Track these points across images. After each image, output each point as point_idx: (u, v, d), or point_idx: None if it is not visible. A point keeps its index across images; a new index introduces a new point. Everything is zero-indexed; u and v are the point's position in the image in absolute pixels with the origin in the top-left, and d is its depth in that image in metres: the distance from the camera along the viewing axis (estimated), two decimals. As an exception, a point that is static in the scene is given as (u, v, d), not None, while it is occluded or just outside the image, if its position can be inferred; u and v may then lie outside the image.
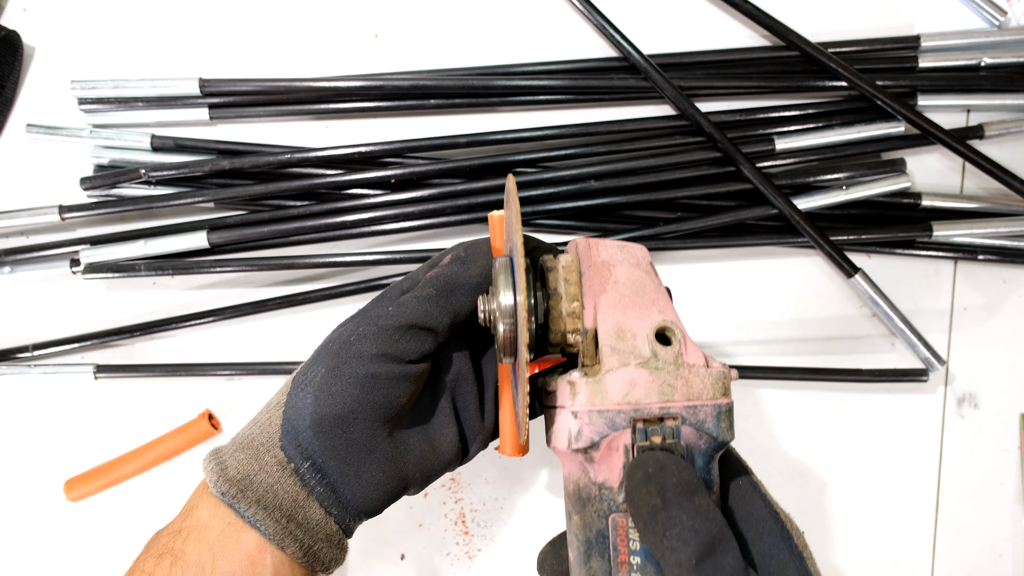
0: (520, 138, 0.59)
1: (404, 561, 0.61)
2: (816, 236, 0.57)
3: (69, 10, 0.63)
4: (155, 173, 0.59)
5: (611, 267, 0.37)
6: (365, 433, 0.37)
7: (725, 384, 0.35)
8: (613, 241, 0.39)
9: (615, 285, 0.37)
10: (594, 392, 0.34)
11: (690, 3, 0.61)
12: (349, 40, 0.62)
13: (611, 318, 0.36)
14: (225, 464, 0.37)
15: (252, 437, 0.38)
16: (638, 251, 0.39)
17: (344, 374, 0.37)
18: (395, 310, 0.38)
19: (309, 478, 0.37)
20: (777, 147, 0.59)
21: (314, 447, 0.37)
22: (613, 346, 0.35)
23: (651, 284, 0.37)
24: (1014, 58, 0.58)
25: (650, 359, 0.34)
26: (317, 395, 0.37)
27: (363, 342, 0.38)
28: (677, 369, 0.34)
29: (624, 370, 0.34)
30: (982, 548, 0.60)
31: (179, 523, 0.38)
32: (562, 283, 0.37)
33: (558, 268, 0.38)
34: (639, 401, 0.34)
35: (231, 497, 0.36)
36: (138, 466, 0.61)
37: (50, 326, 0.62)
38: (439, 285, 0.39)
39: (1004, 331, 0.61)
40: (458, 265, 0.39)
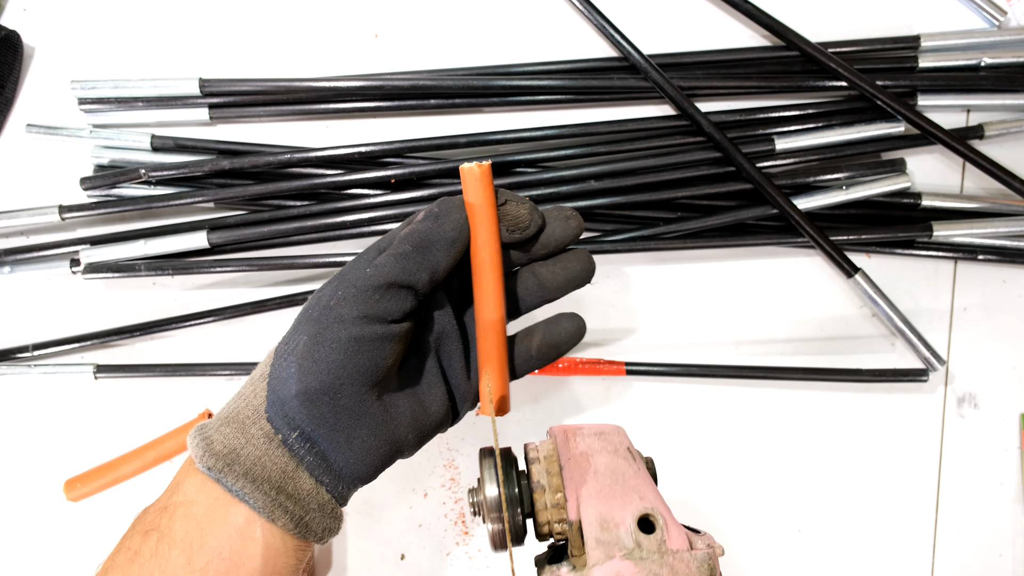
0: (520, 138, 0.59)
1: (404, 561, 0.61)
2: (816, 236, 0.57)
3: (69, 10, 0.63)
4: (155, 173, 0.59)
5: (589, 457, 0.38)
6: (353, 398, 0.37)
7: (711, 566, 0.35)
8: (590, 428, 0.40)
9: (595, 476, 0.38)
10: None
11: (690, 3, 0.61)
12: (349, 40, 0.62)
13: (593, 509, 0.36)
14: (211, 439, 0.36)
15: (237, 411, 0.38)
16: (615, 437, 0.40)
17: (327, 339, 0.36)
18: (372, 270, 0.37)
19: (298, 448, 0.37)
20: (777, 147, 0.59)
21: (301, 416, 0.36)
22: (597, 538, 0.36)
23: (630, 470, 0.38)
24: (1014, 58, 0.58)
25: (634, 550, 0.35)
26: (301, 363, 0.36)
27: (343, 305, 0.37)
28: (661, 557, 0.35)
29: (609, 563, 0.35)
30: (982, 548, 0.60)
31: (165, 500, 0.37)
32: (544, 475, 0.39)
33: (540, 459, 0.39)
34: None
35: (218, 471, 0.35)
36: (138, 466, 0.61)
37: (50, 326, 0.62)
38: (414, 241, 0.38)
39: (1004, 331, 0.61)
40: (432, 221, 0.39)
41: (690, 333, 0.62)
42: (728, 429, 0.61)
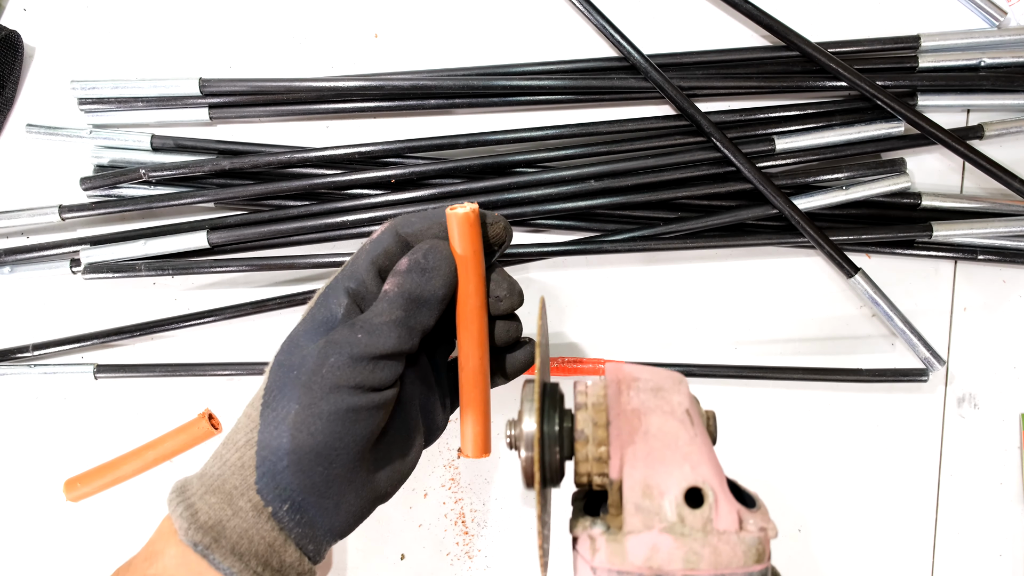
0: (520, 138, 0.59)
1: (404, 561, 0.61)
2: (816, 236, 0.57)
3: (69, 10, 0.63)
4: (155, 173, 0.59)
5: (642, 416, 0.35)
6: (346, 466, 0.36)
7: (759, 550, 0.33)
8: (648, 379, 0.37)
9: (644, 437, 0.34)
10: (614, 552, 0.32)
11: (690, 3, 0.61)
12: (349, 40, 0.62)
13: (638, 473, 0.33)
14: (195, 509, 0.35)
15: (223, 479, 0.36)
16: (674, 396, 0.36)
17: (322, 411, 0.35)
18: (366, 338, 0.36)
19: (287, 520, 0.36)
20: (777, 147, 0.59)
21: (293, 487, 0.36)
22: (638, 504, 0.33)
23: (685, 435, 0.35)
24: (1014, 58, 0.58)
25: (675, 524, 0.32)
26: (294, 434, 0.35)
27: (337, 373, 0.36)
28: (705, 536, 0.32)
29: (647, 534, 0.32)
30: (982, 548, 0.60)
31: (143, 568, 0.36)
32: (590, 424, 0.35)
33: (587, 405, 0.36)
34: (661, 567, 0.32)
35: (204, 547, 0.34)
36: (138, 466, 0.61)
37: (50, 326, 0.62)
38: (406, 305, 0.37)
39: (1004, 331, 0.61)
40: (419, 275, 0.38)
41: (690, 333, 0.62)
42: (728, 429, 0.61)
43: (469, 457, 0.43)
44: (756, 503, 0.35)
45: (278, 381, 0.37)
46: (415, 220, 0.40)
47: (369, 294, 0.39)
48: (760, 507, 0.35)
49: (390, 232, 0.40)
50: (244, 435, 0.37)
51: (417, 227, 0.40)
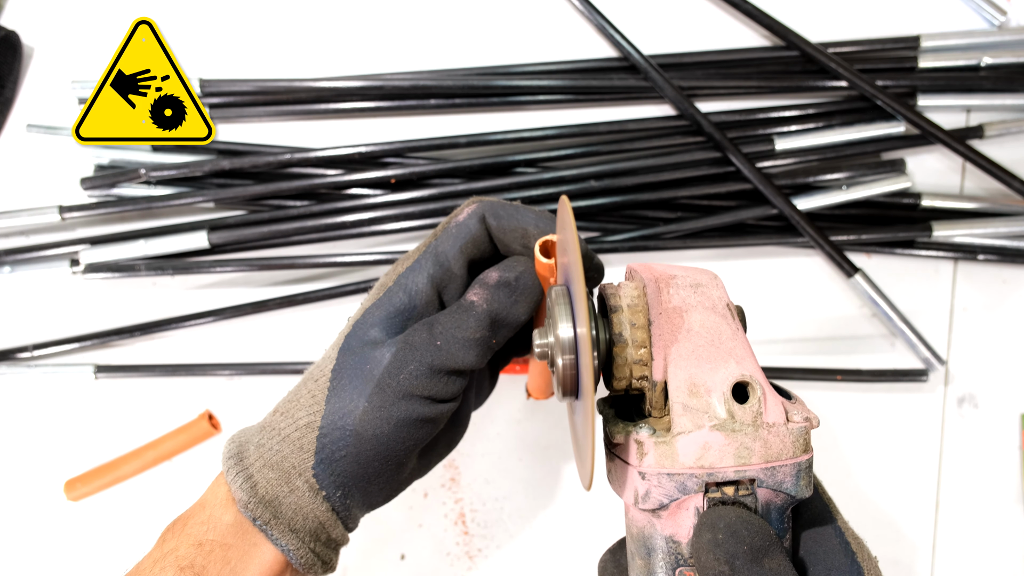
0: (520, 138, 0.59)
1: (404, 561, 0.61)
2: (816, 236, 0.57)
3: (69, 10, 0.63)
4: (155, 173, 0.59)
5: (684, 313, 0.34)
6: (399, 464, 0.38)
7: (806, 440, 0.32)
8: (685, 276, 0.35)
9: (688, 334, 0.33)
10: (664, 454, 0.32)
11: (690, 3, 0.61)
12: (349, 40, 0.62)
13: (683, 372, 0.32)
14: (254, 481, 0.36)
15: (282, 456, 0.37)
16: (713, 291, 0.35)
17: (392, 416, 0.36)
18: (446, 351, 0.36)
19: (339, 505, 0.37)
20: (777, 147, 0.59)
21: (347, 477, 0.37)
22: (685, 403, 0.32)
23: (728, 330, 0.34)
24: (1014, 58, 0.58)
25: (726, 420, 0.32)
26: (359, 431, 0.36)
27: (414, 382, 0.36)
28: (755, 430, 0.32)
29: (697, 433, 0.32)
30: (982, 548, 0.60)
31: (200, 533, 0.36)
32: (627, 327, 0.34)
33: (622, 307, 0.34)
34: (713, 465, 0.31)
35: (263, 522, 0.36)
36: (138, 466, 0.61)
37: (50, 326, 0.62)
38: (491, 325, 0.37)
39: (1004, 331, 0.61)
40: (507, 296, 0.37)
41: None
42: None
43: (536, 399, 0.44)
44: (792, 396, 0.35)
45: (348, 369, 0.37)
46: (503, 214, 0.39)
47: (453, 283, 0.38)
48: (796, 399, 0.34)
49: (476, 218, 0.39)
50: (306, 414, 0.37)
51: (506, 224, 0.38)
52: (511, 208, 0.39)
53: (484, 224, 0.39)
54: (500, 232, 0.39)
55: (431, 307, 0.38)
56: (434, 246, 0.39)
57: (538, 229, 0.38)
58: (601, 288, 0.36)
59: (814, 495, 0.35)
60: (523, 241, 0.38)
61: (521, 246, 0.38)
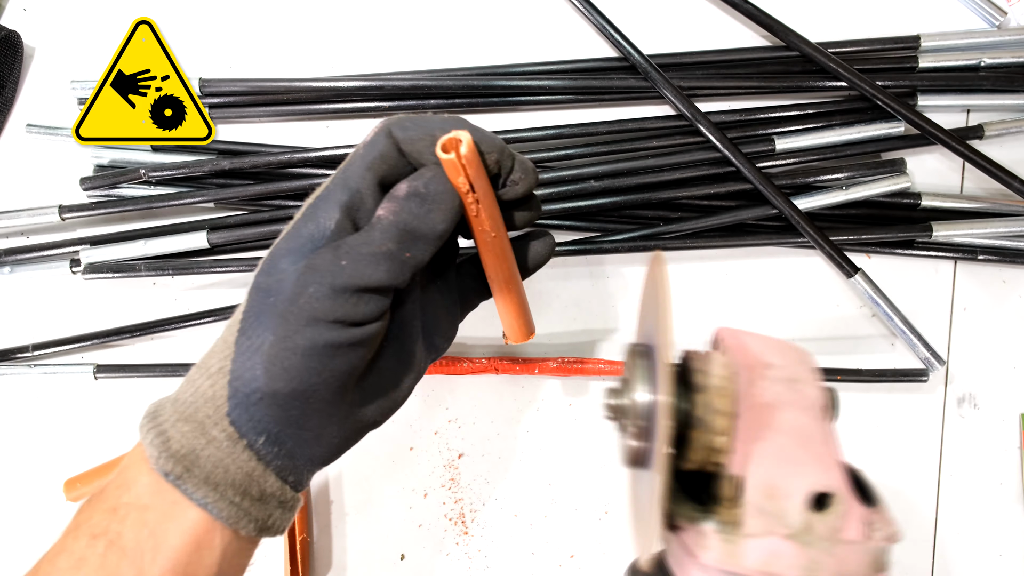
0: (520, 138, 0.59)
1: (404, 561, 0.61)
2: (816, 236, 0.57)
3: (69, 10, 0.63)
4: (155, 173, 0.59)
5: (775, 411, 0.32)
6: (326, 401, 0.34)
7: (882, 561, 0.31)
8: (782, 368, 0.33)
9: (776, 435, 0.31)
10: (729, 553, 0.30)
11: (690, 3, 0.61)
12: (349, 40, 0.62)
13: (764, 472, 0.30)
14: (167, 436, 0.33)
15: (195, 408, 0.34)
16: (809, 388, 0.33)
17: (297, 344, 0.33)
18: (351, 267, 0.33)
19: (265, 452, 0.34)
20: (777, 147, 0.59)
21: (268, 420, 0.33)
22: (760, 506, 0.30)
23: (819, 434, 0.32)
24: (1014, 58, 0.58)
25: (800, 532, 0.30)
26: (268, 367, 0.33)
27: (316, 304, 0.33)
28: (831, 546, 0.30)
29: (768, 540, 0.30)
30: (982, 548, 0.60)
31: (115, 497, 0.34)
32: (711, 412, 0.32)
33: (709, 388, 0.32)
34: (778, 574, 0.30)
35: (175, 476, 0.33)
36: (138, 466, 0.61)
37: (50, 326, 0.62)
38: (400, 236, 0.34)
39: (1004, 331, 0.61)
40: (418, 205, 0.34)
41: (690, 333, 0.61)
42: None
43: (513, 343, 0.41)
44: (875, 499, 0.33)
45: (255, 306, 0.34)
46: (410, 125, 0.35)
47: (364, 206, 0.35)
48: (880, 505, 0.32)
49: (383, 134, 0.36)
50: (218, 361, 0.34)
51: (413, 134, 0.35)
52: (418, 118, 0.36)
53: (391, 138, 0.35)
54: (408, 143, 0.35)
55: (343, 233, 0.35)
56: (343, 171, 0.36)
57: (444, 132, 0.34)
58: (686, 355, 0.34)
59: None
60: (433, 149, 0.35)
61: (433, 156, 0.35)
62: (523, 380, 0.62)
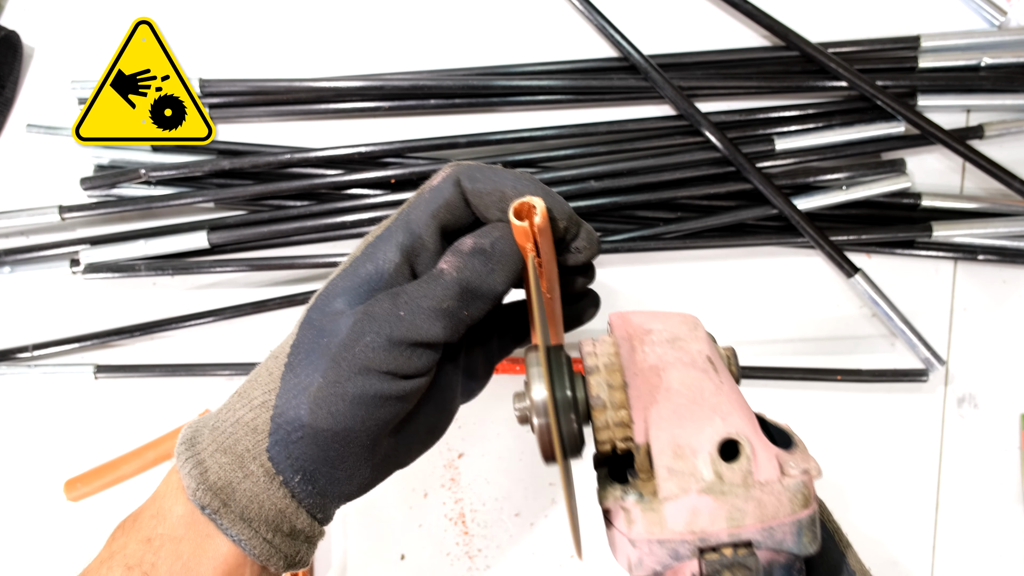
0: (520, 138, 0.59)
1: (404, 561, 0.61)
2: (816, 236, 0.57)
3: (69, 10, 0.63)
4: (155, 173, 0.59)
5: (661, 372, 0.32)
6: (363, 447, 0.34)
7: (805, 494, 0.30)
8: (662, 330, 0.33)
9: (667, 394, 0.32)
10: (652, 521, 0.30)
11: (690, 3, 0.61)
12: (349, 40, 0.62)
13: (665, 434, 0.31)
14: (205, 466, 0.34)
15: (235, 440, 0.34)
16: (692, 343, 0.33)
17: (347, 392, 0.33)
18: (409, 320, 0.33)
19: (299, 491, 0.34)
20: (777, 147, 0.59)
21: (306, 459, 0.34)
22: (670, 467, 0.30)
23: (711, 384, 0.32)
24: (1014, 58, 0.58)
25: (714, 482, 0.30)
26: (314, 409, 0.33)
27: (371, 355, 0.33)
28: (747, 490, 0.30)
29: (685, 498, 0.30)
30: (982, 548, 0.60)
31: (149, 528, 0.34)
32: (605, 389, 0.32)
33: (599, 367, 0.33)
34: (704, 530, 0.30)
35: (212, 511, 0.33)
36: (138, 466, 0.61)
37: (50, 326, 0.62)
38: (461, 294, 0.34)
39: (1004, 331, 0.61)
40: (482, 264, 0.34)
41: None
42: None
43: None
44: (791, 440, 0.33)
45: (306, 343, 0.34)
46: (479, 176, 0.35)
47: (425, 252, 0.35)
48: (797, 444, 0.32)
49: (451, 182, 0.35)
50: (261, 394, 0.34)
51: (481, 186, 0.35)
52: (488, 170, 0.35)
53: (459, 188, 0.35)
54: (476, 196, 0.35)
55: (400, 278, 0.35)
56: (406, 213, 0.36)
57: (516, 191, 0.34)
58: (579, 346, 0.35)
59: (828, 545, 0.33)
60: (501, 205, 0.35)
61: (499, 211, 0.35)
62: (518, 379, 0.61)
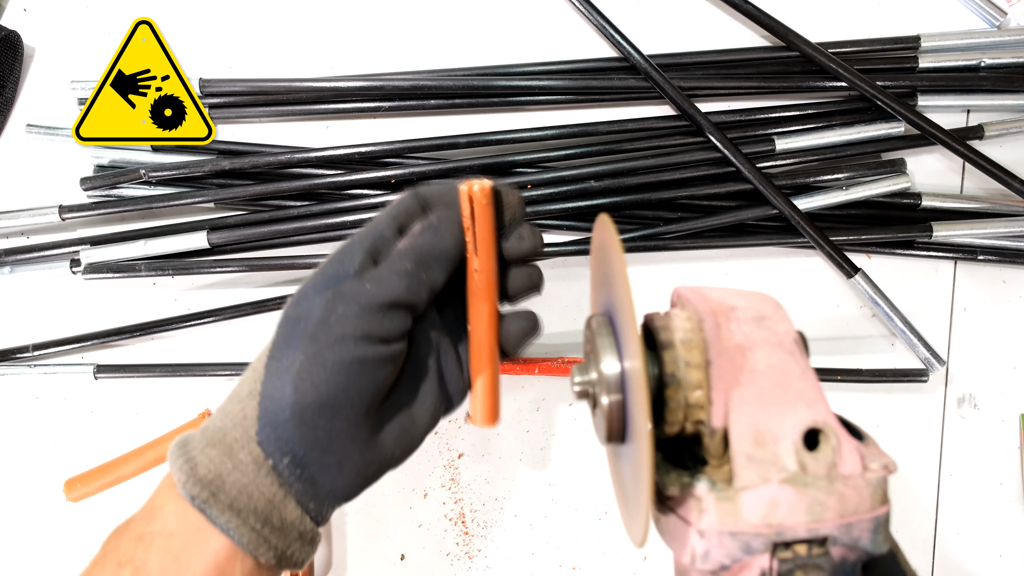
0: (520, 138, 0.59)
1: (404, 561, 0.61)
2: (816, 236, 0.57)
3: (69, 10, 0.63)
4: (155, 173, 0.59)
5: (747, 352, 0.30)
6: (349, 420, 0.35)
7: (883, 490, 0.29)
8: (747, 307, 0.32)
9: (752, 376, 0.30)
10: (726, 512, 0.28)
11: (690, 3, 0.61)
12: (349, 40, 0.62)
13: (747, 418, 0.29)
14: (195, 462, 0.34)
15: (224, 431, 0.35)
16: (780, 324, 0.31)
17: (327, 360, 0.34)
18: (374, 287, 0.36)
19: (288, 475, 0.35)
20: (777, 147, 0.59)
21: (295, 440, 0.35)
22: (750, 454, 0.29)
23: (797, 369, 0.30)
24: (1014, 58, 0.58)
25: (796, 473, 0.28)
26: (298, 383, 0.34)
27: (344, 323, 0.35)
28: (830, 483, 0.28)
29: (764, 488, 0.28)
30: (982, 548, 0.60)
31: (142, 525, 0.35)
32: (682, 366, 0.30)
33: (675, 343, 0.31)
34: (782, 523, 0.28)
35: (201, 501, 0.34)
36: (138, 466, 0.61)
37: (50, 326, 0.62)
38: (416, 258, 0.37)
39: (1004, 331, 0.61)
40: (431, 234, 0.38)
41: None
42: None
43: (475, 424, 0.40)
44: (863, 435, 0.32)
45: (285, 334, 0.36)
46: (435, 186, 0.41)
47: (386, 248, 0.38)
48: (869, 439, 0.31)
49: (411, 195, 0.40)
50: (248, 387, 0.36)
51: (436, 191, 0.40)
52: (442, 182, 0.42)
53: (416, 195, 0.40)
54: (433, 196, 0.40)
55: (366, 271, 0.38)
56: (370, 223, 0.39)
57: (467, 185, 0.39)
58: (647, 318, 0.33)
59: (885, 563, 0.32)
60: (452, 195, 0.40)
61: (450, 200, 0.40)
62: (523, 380, 0.62)
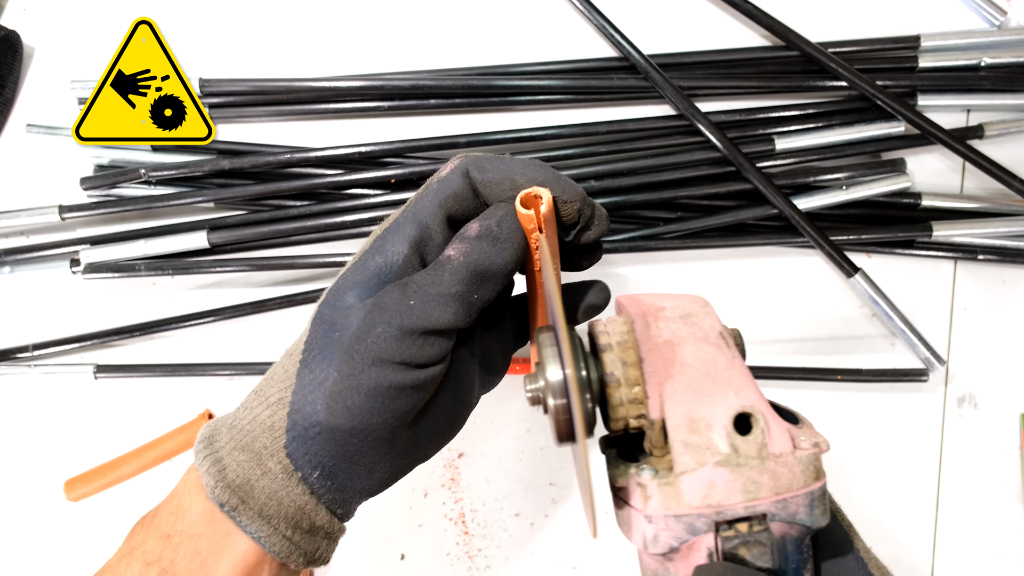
0: (520, 138, 0.59)
1: (404, 561, 0.61)
2: (816, 236, 0.57)
3: (69, 10, 0.63)
4: (155, 173, 0.59)
5: (675, 347, 0.32)
6: (383, 440, 0.34)
7: (816, 467, 0.31)
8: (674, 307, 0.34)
9: (682, 368, 0.32)
10: (669, 496, 0.31)
11: (690, 3, 0.61)
12: (349, 40, 0.62)
13: (680, 407, 0.31)
14: (223, 464, 0.34)
15: (253, 436, 0.34)
16: (704, 320, 0.34)
17: (361, 385, 0.33)
18: (419, 306, 0.33)
19: (318, 486, 0.34)
20: (777, 147, 0.59)
21: (324, 454, 0.34)
22: (686, 441, 0.31)
23: (723, 359, 0.33)
24: (1014, 58, 0.58)
25: (730, 455, 0.30)
26: (329, 403, 0.33)
27: (383, 345, 0.33)
28: (762, 463, 0.30)
29: (701, 471, 0.30)
30: (982, 548, 0.60)
31: (169, 524, 0.34)
32: (619, 365, 0.33)
33: (612, 345, 0.33)
34: (720, 503, 0.30)
35: (231, 508, 0.33)
36: (138, 466, 0.61)
37: (50, 326, 0.62)
38: (470, 277, 0.33)
39: (1004, 331, 0.61)
40: (490, 245, 0.34)
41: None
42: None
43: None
44: (797, 418, 0.33)
45: (319, 339, 0.34)
46: (488, 166, 0.35)
47: (433, 242, 0.35)
48: (804, 422, 0.33)
49: (460, 173, 0.35)
50: (278, 391, 0.34)
51: (491, 176, 0.35)
52: (497, 160, 0.35)
53: (468, 178, 0.35)
54: (485, 186, 0.35)
55: (410, 268, 0.35)
56: (414, 205, 0.36)
57: (526, 178, 0.35)
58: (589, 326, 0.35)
59: (832, 522, 0.33)
60: (511, 193, 0.35)
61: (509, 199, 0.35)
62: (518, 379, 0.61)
